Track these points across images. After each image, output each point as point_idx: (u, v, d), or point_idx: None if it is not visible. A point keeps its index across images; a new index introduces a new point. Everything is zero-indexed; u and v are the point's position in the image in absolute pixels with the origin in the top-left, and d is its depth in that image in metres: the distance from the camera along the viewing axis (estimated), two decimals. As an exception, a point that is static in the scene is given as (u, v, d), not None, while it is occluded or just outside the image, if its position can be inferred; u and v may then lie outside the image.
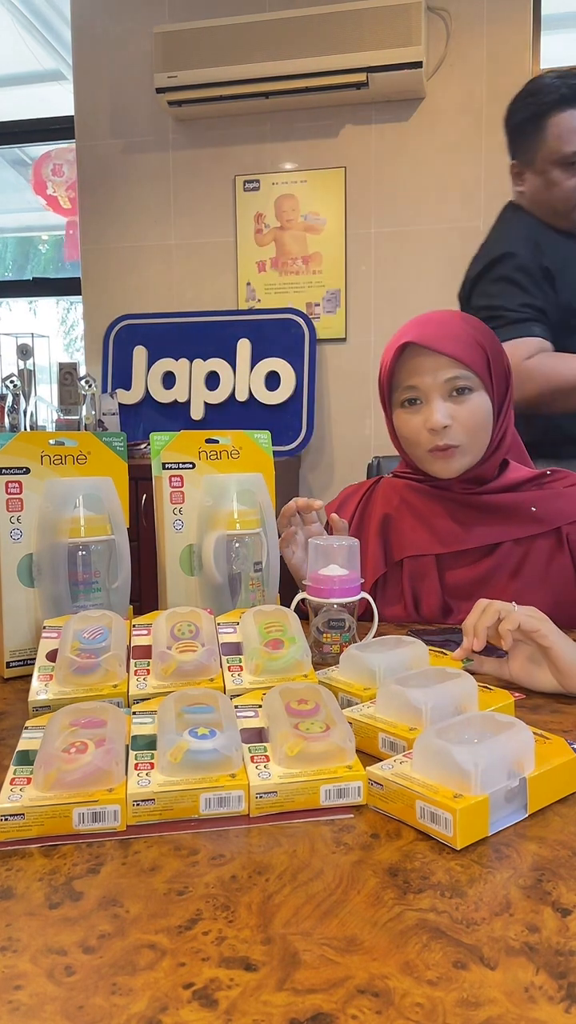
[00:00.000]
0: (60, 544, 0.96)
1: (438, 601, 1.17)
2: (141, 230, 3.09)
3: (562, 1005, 0.43)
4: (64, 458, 1.01)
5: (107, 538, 0.98)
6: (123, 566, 1.00)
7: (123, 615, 0.99)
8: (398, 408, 1.16)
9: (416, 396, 1.13)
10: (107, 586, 0.99)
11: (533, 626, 0.84)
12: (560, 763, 0.64)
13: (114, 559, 0.99)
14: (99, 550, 0.98)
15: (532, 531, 1.14)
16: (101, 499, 1.00)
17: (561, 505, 1.15)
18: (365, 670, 0.82)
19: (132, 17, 3.00)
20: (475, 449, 1.13)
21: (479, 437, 1.13)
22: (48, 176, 3.69)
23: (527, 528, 1.14)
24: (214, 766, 0.63)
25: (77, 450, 1.02)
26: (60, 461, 1.00)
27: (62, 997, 0.44)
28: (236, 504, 1.03)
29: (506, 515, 1.15)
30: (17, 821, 0.59)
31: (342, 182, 2.89)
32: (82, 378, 2.84)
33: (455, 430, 1.11)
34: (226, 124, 2.96)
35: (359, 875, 0.54)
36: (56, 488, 0.98)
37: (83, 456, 1.02)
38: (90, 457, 1.03)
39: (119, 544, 1.00)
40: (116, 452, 1.05)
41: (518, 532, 1.14)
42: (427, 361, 1.11)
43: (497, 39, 2.73)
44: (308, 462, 3.01)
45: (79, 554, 0.96)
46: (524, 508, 1.15)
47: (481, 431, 1.13)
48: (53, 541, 0.96)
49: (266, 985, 0.44)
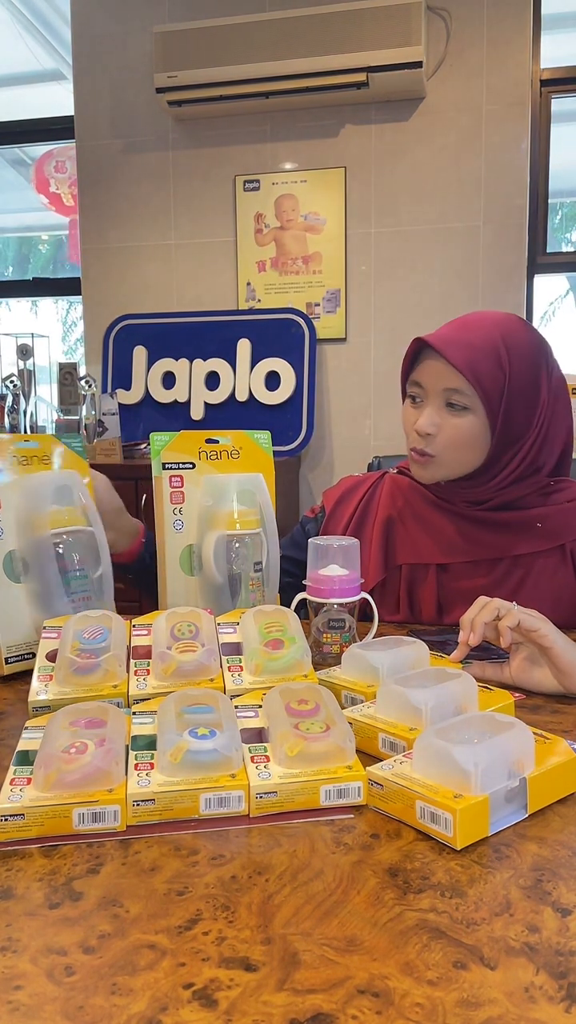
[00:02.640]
0: (43, 538, 0.97)
1: (434, 609, 1.16)
2: (141, 230, 3.09)
3: (562, 1005, 0.43)
4: (30, 459, 1.04)
5: (86, 528, 1.00)
6: (103, 556, 1.02)
7: (109, 605, 1.01)
8: (406, 398, 1.15)
9: (418, 394, 1.12)
10: (92, 575, 1.00)
11: (533, 625, 0.84)
12: (560, 763, 0.64)
13: (92, 549, 1.01)
14: (81, 540, 0.99)
15: (536, 547, 1.13)
16: (73, 491, 1.02)
17: (566, 521, 1.14)
18: (368, 668, 0.82)
19: (132, 17, 3.00)
20: (452, 465, 1.11)
21: (457, 455, 1.10)
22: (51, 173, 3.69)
23: (532, 544, 1.13)
24: (214, 766, 0.63)
25: (41, 451, 1.05)
26: (26, 462, 1.04)
27: (62, 997, 0.43)
28: (236, 504, 1.03)
29: (511, 530, 1.14)
30: (17, 821, 0.59)
31: (342, 182, 2.89)
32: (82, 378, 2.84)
33: (435, 441, 1.10)
34: (226, 124, 2.96)
35: (359, 875, 0.54)
36: (29, 484, 1.01)
37: (47, 457, 1.05)
38: (52, 456, 1.06)
39: (96, 535, 1.02)
40: (75, 452, 1.08)
41: (522, 548, 1.13)
42: (434, 364, 1.09)
43: (497, 39, 2.73)
44: (308, 462, 3.01)
45: (63, 544, 0.98)
46: (530, 524, 1.13)
47: (461, 451, 1.09)
48: (34, 536, 0.98)
49: (266, 985, 0.44)
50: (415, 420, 1.12)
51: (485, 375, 1.06)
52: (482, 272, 2.82)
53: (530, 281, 2.86)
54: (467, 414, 1.08)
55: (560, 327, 5.39)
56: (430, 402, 1.10)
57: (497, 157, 2.78)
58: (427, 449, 1.10)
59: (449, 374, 1.07)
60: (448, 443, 1.09)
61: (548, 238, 2.93)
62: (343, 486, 1.29)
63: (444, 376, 1.08)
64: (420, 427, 1.09)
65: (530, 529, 1.13)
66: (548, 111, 2.87)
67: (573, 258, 3.01)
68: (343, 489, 1.28)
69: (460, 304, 2.82)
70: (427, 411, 1.10)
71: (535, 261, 2.88)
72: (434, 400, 1.10)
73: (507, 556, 1.13)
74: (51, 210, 3.85)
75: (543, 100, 2.86)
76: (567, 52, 2.90)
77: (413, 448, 1.13)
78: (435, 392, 1.09)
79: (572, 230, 5.27)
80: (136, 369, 3.02)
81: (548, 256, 2.93)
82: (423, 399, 1.12)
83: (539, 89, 2.83)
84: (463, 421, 1.08)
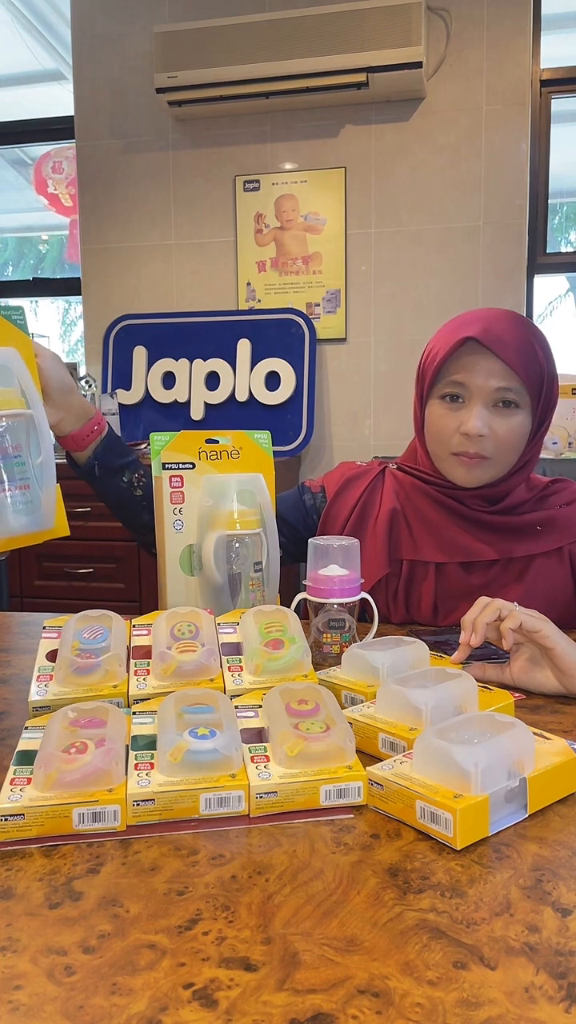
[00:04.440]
0: None
1: (431, 607, 1.16)
2: (141, 230, 3.09)
3: (562, 1005, 0.43)
4: None
5: (23, 411, 0.91)
6: (44, 441, 0.93)
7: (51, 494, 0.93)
8: (436, 399, 1.11)
9: (459, 393, 1.09)
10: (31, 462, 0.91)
11: (535, 626, 0.84)
12: (560, 763, 0.64)
13: (34, 434, 0.92)
14: (16, 424, 0.90)
15: (536, 550, 1.13)
16: (10, 370, 0.92)
17: (566, 524, 1.14)
18: (368, 668, 0.82)
19: (132, 17, 3.00)
20: (502, 465, 1.10)
21: (509, 455, 1.09)
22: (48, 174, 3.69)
23: (531, 547, 1.13)
24: (214, 766, 0.63)
25: None
26: None
27: (62, 997, 0.43)
28: (236, 504, 1.03)
29: (511, 533, 1.13)
30: (17, 821, 0.59)
31: (342, 182, 2.89)
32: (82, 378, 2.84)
33: (489, 441, 1.07)
34: (226, 124, 2.96)
35: (359, 875, 0.54)
36: None
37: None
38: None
39: (36, 419, 0.92)
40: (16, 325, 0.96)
41: (522, 550, 1.13)
42: (483, 362, 1.06)
43: (497, 39, 2.73)
44: (308, 462, 3.01)
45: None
46: (529, 527, 1.13)
47: (513, 451, 1.09)
48: None
49: (266, 985, 0.44)
50: (458, 422, 1.08)
51: (533, 371, 1.06)
52: (482, 272, 2.82)
53: (530, 281, 2.86)
54: (518, 412, 1.07)
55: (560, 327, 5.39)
56: (477, 402, 1.07)
57: (497, 157, 2.78)
58: (480, 451, 1.07)
59: (501, 372, 1.05)
60: (501, 444, 1.08)
61: (548, 238, 2.94)
62: (343, 473, 1.26)
63: (495, 375, 1.05)
64: (474, 429, 1.06)
65: (530, 532, 1.13)
66: (548, 111, 2.87)
67: (573, 258, 3.01)
68: (344, 476, 1.25)
69: (460, 304, 2.82)
70: (476, 411, 1.06)
71: (535, 261, 2.88)
72: (481, 399, 1.07)
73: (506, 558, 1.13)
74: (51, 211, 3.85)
75: (543, 100, 2.86)
76: (567, 52, 2.90)
77: (460, 452, 1.09)
78: (483, 391, 1.06)
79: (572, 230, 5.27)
80: (136, 369, 3.02)
81: (548, 256, 2.93)
82: (466, 399, 1.08)
83: (539, 89, 2.83)
84: (515, 420, 1.07)
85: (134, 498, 1.16)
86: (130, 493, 1.16)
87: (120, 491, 1.15)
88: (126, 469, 1.15)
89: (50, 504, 0.92)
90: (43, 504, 0.91)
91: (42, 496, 0.91)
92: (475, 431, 1.06)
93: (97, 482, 1.15)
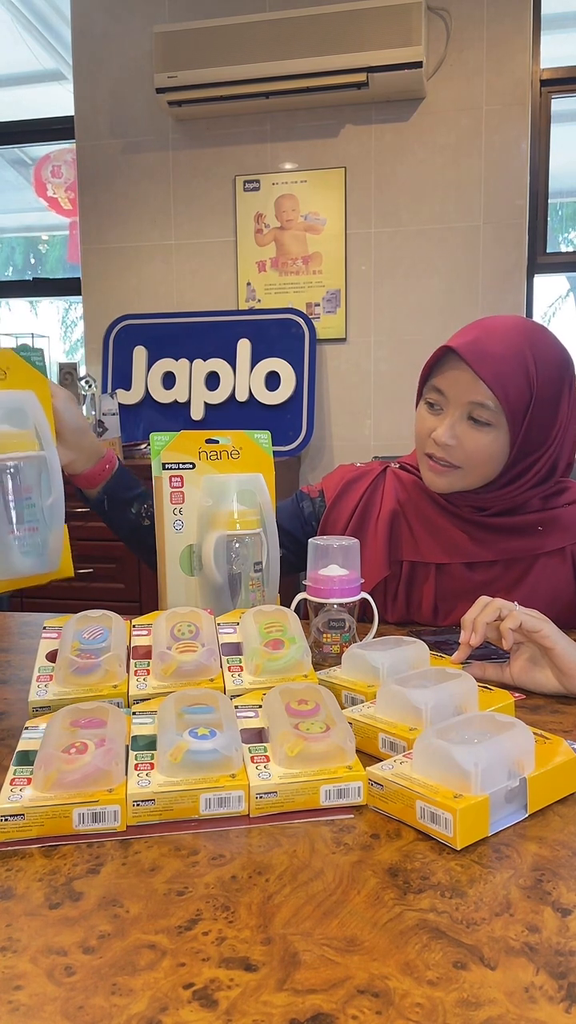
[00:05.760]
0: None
1: (431, 608, 1.16)
2: (141, 230, 3.09)
3: (562, 1005, 0.43)
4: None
5: (36, 453, 0.93)
6: (55, 482, 0.95)
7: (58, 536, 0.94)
8: (422, 403, 1.12)
9: (438, 401, 1.09)
10: (40, 503, 0.93)
11: (535, 626, 0.84)
12: (560, 763, 0.64)
13: (45, 475, 0.94)
14: (28, 466, 0.92)
15: (538, 550, 1.13)
16: (26, 413, 0.95)
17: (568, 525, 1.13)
18: (368, 668, 0.82)
19: (132, 17, 3.00)
20: (474, 476, 1.09)
21: (481, 469, 1.08)
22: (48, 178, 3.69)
23: (533, 547, 1.13)
24: (214, 766, 0.63)
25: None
26: None
27: (62, 997, 0.43)
28: (236, 504, 1.03)
29: (513, 533, 1.13)
30: (17, 821, 0.59)
31: (342, 182, 2.89)
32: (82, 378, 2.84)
33: (456, 451, 1.07)
34: (226, 124, 2.96)
35: (359, 875, 0.54)
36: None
37: (2, 372, 0.96)
38: (9, 373, 0.97)
39: (49, 460, 0.94)
40: (36, 367, 0.99)
41: (525, 550, 1.13)
42: (459, 374, 1.05)
43: (497, 39, 2.73)
44: (308, 462, 3.01)
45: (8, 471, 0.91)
46: (531, 528, 1.13)
47: (483, 465, 1.08)
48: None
49: (266, 985, 0.44)
50: (432, 428, 1.08)
51: (512, 391, 1.03)
52: (482, 272, 2.82)
53: (530, 281, 2.86)
54: (490, 430, 1.05)
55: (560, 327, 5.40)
56: (451, 412, 1.07)
57: (497, 157, 2.78)
58: (446, 459, 1.08)
59: (476, 387, 1.04)
60: (468, 457, 1.07)
61: (548, 238, 2.93)
62: (343, 476, 1.26)
63: (470, 389, 1.04)
64: (439, 438, 1.06)
65: (532, 533, 1.13)
66: (548, 111, 2.87)
67: (573, 258, 3.01)
68: (344, 480, 1.25)
69: (460, 304, 2.82)
70: (447, 422, 1.06)
71: (535, 261, 2.88)
72: (455, 411, 1.06)
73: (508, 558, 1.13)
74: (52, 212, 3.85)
75: (543, 100, 2.86)
76: (567, 52, 2.90)
77: (429, 455, 1.10)
78: (458, 403, 1.06)
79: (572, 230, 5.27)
80: (136, 369, 3.02)
81: (548, 256, 2.93)
82: (443, 408, 1.08)
83: (539, 89, 2.83)
84: (486, 437, 1.06)
85: (143, 527, 1.17)
86: (139, 523, 1.17)
87: (129, 522, 1.17)
88: (135, 501, 1.17)
89: (56, 546, 0.93)
90: (50, 546, 0.92)
91: (49, 538, 0.92)
92: (440, 439, 1.06)
93: (107, 515, 1.18)
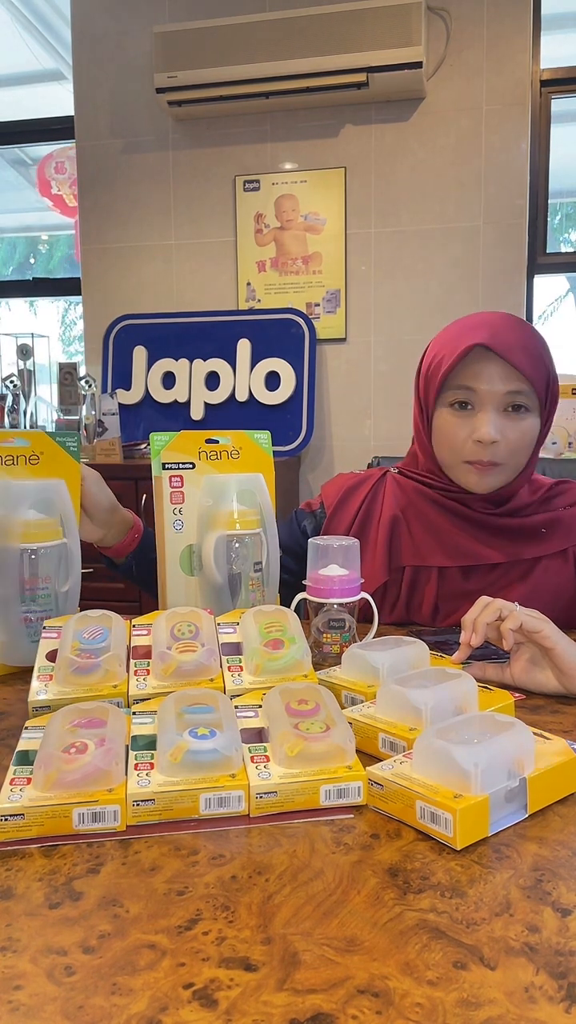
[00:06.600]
0: (10, 548, 0.94)
1: (431, 610, 1.16)
2: (141, 230, 3.09)
3: (562, 1005, 0.43)
4: (16, 459, 0.99)
5: (58, 543, 0.97)
6: (73, 570, 0.99)
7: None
8: (444, 407, 1.10)
9: (469, 401, 1.08)
10: (56, 590, 0.97)
11: (536, 627, 0.84)
12: (560, 763, 0.64)
13: (64, 562, 0.98)
14: (49, 554, 0.96)
15: (540, 552, 1.13)
16: (54, 501, 0.98)
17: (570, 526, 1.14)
18: (368, 668, 0.82)
19: (132, 17, 3.00)
20: (513, 469, 1.10)
21: (520, 459, 1.09)
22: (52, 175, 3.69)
23: (535, 549, 1.13)
24: (214, 766, 0.63)
25: (29, 450, 1.00)
26: (12, 462, 0.99)
27: (62, 997, 0.43)
28: (236, 504, 1.03)
29: (515, 535, 1.13)
30: (17, 821, 0.59)
31: (342, 182, 2.89)
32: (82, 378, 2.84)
33: (501, 447, 1.07)
34: (226, 124, 2.96)
35: (359, 875, 0.54)
36: (8, 490, 0.96)
37: (35, 456, 1.00)
38: (43, 458, 1.00)
39: (70, 548, 0.98)
40: (70, 453, 1.02)
41: (526, 553, 1.13)
42: (493, 368, 1.05)
43: (497, 39, 2.73)
44: (308, 462, 3.01)
45: (29, 559, 0.95)
46: (534, 530, 1.13)
47: (523, 454, 1.09)
48: (3, 544, 0.95)
49: (266, 985, 0.44)
50: (469, 429, 1.08)
51: (540, 373, 1.07)
52: (482, 272, 2.82)
53: (530, 281, 2.86)
54: (527, 415, 1.08)
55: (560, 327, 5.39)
56: (487, 407, 1.06)
57: (497, 157, 2.78)
58: (494, 458, 1.07)
59: (510, 376, 1.05)
60: (512, 448, 1.07)
61: (548, 238, 2.94)
62: (342, 484, 1.26)
63: (504, 379, 1.05)
64: (487, 436, 1.05)
65: (535, 534, 1.13)
66: (548, 111, 2.87)
67: (573, 258, 3.01)
68: (343, 488, 1.25)
69: (460, 304, 2.82)
70: (489, 417, 1.06)
71: (535, 261, 2.88)
72: (491, 404, 1.06)
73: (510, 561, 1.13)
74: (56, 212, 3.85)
75: (543, 100, 2.86)
76: (567, 52, 2.90)
77: (474, 460, 1.08)
78: (493, 397, 1.06)
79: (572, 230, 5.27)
80: (136, 369, 3.02)
81: (548, 256, 2.93)
82: (475, 405, 1.08)
83: (539, 89, 2.83)
84: (526, 423, 1.08)
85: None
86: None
87: (152, 575, 1.16)
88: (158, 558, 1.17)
89: None
90: None
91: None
92: (488, 438, 1.05)
93: (134, 577, 1.21)
